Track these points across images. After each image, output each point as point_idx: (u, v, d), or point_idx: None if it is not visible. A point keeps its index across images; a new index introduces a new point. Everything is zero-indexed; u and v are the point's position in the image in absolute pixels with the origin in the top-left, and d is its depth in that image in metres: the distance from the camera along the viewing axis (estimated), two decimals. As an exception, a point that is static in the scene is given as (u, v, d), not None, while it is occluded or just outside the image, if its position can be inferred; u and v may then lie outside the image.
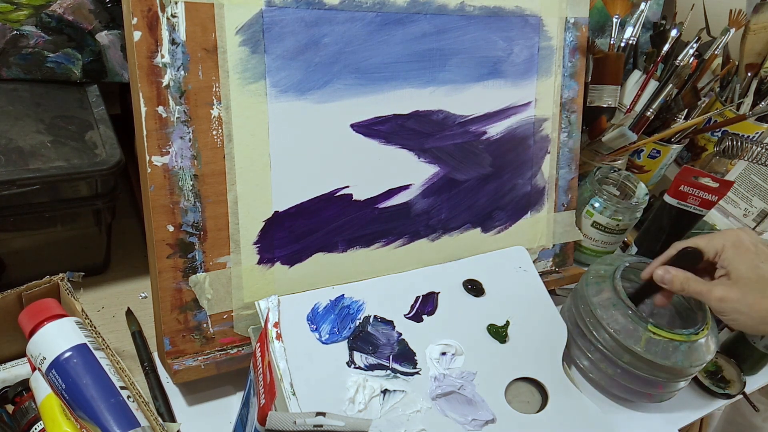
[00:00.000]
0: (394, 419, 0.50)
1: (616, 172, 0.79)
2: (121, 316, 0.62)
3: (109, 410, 0.44)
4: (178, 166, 0.50)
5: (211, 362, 0.54)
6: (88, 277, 0.58)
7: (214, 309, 0.54)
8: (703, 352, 0.59)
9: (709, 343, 0.60)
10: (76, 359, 0.46)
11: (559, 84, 0.71)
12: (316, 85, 0.55)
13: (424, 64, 0.60)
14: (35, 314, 0.49)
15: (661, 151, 0.87)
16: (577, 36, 0.71)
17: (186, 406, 0.56)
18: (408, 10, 0.58)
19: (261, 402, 0.47)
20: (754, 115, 0.83)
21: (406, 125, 0.60)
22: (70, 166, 0.55)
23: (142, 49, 0.47)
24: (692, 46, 0.76)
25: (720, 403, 0.68)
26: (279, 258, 0.56)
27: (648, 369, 0.59)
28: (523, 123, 0.69)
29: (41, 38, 0.60)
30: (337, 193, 0.58)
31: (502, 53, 0.65)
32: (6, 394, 0.51)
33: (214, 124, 0.51)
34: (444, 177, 0.64)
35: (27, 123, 0.58)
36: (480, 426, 0.52)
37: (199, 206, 0.52)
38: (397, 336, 0.56)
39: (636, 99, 0.77)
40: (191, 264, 0.52)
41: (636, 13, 0.77)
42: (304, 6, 0.53)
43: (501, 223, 0.69)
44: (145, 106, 0.48)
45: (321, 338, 0.53)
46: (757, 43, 0.91)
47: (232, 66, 0.51)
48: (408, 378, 0.53)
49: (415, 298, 0.60)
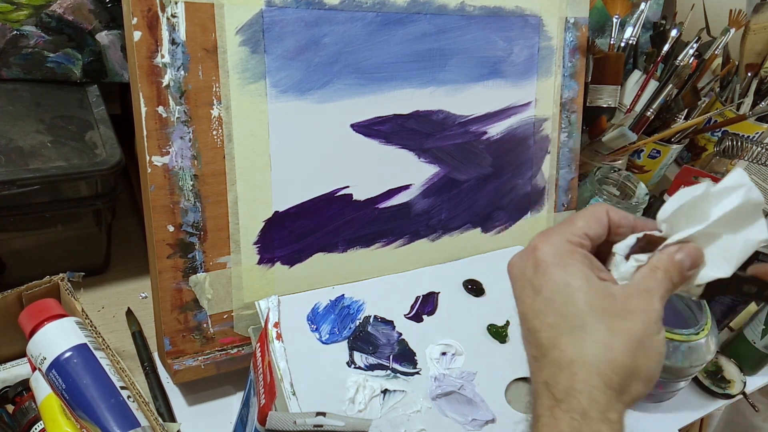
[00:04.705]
0: (394, 419, 0.50)
1: (616, 172, 0.79)
2: (122, 316, 0.62)
3: (109, 410, 0.44)
4: (178, 166, 0.50)
5: (211, 362, 0.54)
6: (89, 277, 0.58)
7: (214, 309, 0.54)
8: (703, 352, 0.59)
9: (709, 343, 0.60)
10: (76, 359, 0.46)
11: (559, 84, 0.71)
12: (316, 85, 0.55)
13: (424, 64, 0.60)
14: (35, 314, 0.49)
15: (661, 151, 0.87)
16: (577, 36, 0.71)
17: (186, 406, 0.56)
18: (408, 10, 0.58)
19: (261, 402, 0.47)
20: (754, 115, 0.83)
21: (406, 125, 0.60)
22: (70, 166, 0.55)
23: (142, 49, 0.47)
24: (692, 46, 0.76)
25: (720, 403, 0.68)
26: (279, 258, 0.56)
27: (648, 369, 0.59)
28: (523, 123, 0.69)
29: (41, 38, 0.60)
30: (338, 193, 0.58)
31: (502, 53, 0.65)
32: (6, 394, 0.51)
33: (214, 124, 0.51)
34: (444, 177, 0.64)
35: (27, 123, 0.58)
36: (480, 426, 0.52)
37: (199, 206, 0.52)
38: (397, 336, 0.56)
39: (636, 99, 0.77)
40: (191, 264, 0.52)
41: (636, 13, 0.77)
42: (304, 6, 0.53)
43: (501, 223, 0.69)
44: (145, 106, 0.48)
45: (321, 338, 0.53)
46: (757, 43, 0.91)
47: (232, 66, 0.51)
48: (408, 378, 0.53)
49: (415, 298, 0.60)
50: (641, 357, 0.30)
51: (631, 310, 0.31)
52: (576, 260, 0.32)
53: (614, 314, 0.30)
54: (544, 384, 0.31)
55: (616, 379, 0.29)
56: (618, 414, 0.29)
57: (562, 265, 0.32)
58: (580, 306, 0.31)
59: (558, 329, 0.31)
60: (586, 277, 0.31)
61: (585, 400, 0.29)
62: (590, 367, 0.30)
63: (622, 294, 0.31)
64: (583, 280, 0.31)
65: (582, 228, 0.33)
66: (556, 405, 0.30)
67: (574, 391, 0.29)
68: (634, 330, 0.30)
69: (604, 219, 0.34)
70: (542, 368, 0.31)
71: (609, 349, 0.30)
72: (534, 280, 0.32)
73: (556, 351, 0.31)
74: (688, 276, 0.33)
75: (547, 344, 0.31)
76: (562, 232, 0.33)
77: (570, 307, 0.31)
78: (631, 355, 0.30)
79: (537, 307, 0.32)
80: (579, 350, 0.30)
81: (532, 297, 0.32)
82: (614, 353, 0.30)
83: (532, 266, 0.33)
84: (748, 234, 0.32)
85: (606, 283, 0.32)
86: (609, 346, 0.30)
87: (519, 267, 0.34)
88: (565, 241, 0.32)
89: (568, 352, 0.30)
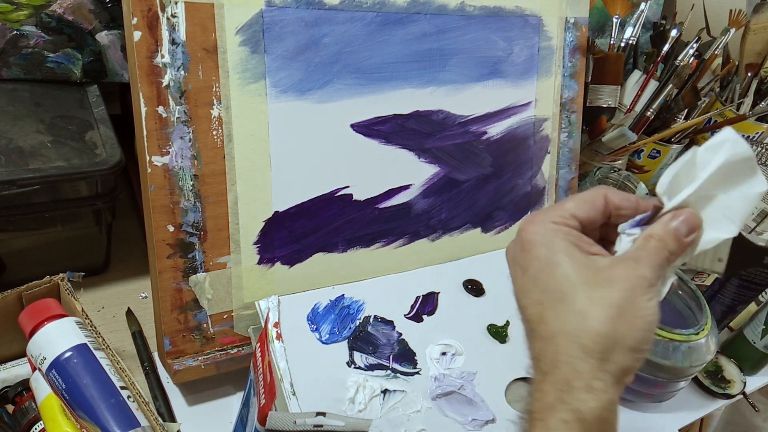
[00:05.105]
0: (394, 419, 0.50)
1: (616, 172, 0.79)
2: (122, 316, 0.62)
3: (109, 410, 0.44)
4: (178, 166, 0.50)
5: (211, 362, 0.54)
6: (88, 277, 0.58)
7: (214, 309, 0.54)
8: (703, 352, 0.59)
9: (709, 343, 0.60)
10: (76, 359, 0.46)
11: (559, 84, 0.71)
12: (316, 85, 0.55)
13: (424, 64, 0.60)
14: (35, 314, 0.49)
15: (661, 151, 0.87)
16: (577, 36, 0.71)
17: (186, 406, 0.56)
18: (408, 10, 0.58)
19: (261, 402, 0.47)
20: (754, 115, 0.83)
21: (406, 125, 0.60)
22: (70, 166, 0.55)
23: (142, 49, 0.47)
24: (692, 46, 0.76)
25: (720, 403, 0.68)
26: (279, 258, 0.56)
27: (648, 369, 0.59)
28: (523, 123, 0.69)
29: (41, 38, 0.60)
30: (338, 193, 0.58)
31: (502, 53, 0.65)
32: (6, 394, 0.51)
33: (214, 124, 0.51)
34: (444, 177, 0.64)
35: (27, 123, 0.58)
36: (480, 426, 0.52)
37: (199, 206, 0.52)
38: (397, 336, 0.56)
39: (636, 99, 0.77)
40: (191, 264, 0.52)
41: (636, 13, 0.77)
42: (304, 6, 0.53)
43: (501, 223, 0.69)
44: (145, 106, 0.48)
45: (321, 338, 0.53)
46: (757, 43, 0.91)
47: (232, 66, 0.51)
48: (408, 378, 0.53)
49: (415, 298, 0.60)
50: (623, 325, 0.30)
51: (613, 279, 0.31)
52: (558, 237, 0.32)
53: (595, 284, 0.31)
54: (535, 359, 0.31)
55: (596, 348, 0.29)
56: (603, 383, 0.29)
57: (544, 243, 0.32)
58: (561, 279, 0.31)
59: (543, 305, 0.31)
60: (567, 251, 0.32)
61: (568, 371, 0.29)
62: (570, 337, 0.30)
63: (606, 265, 0.31)
64: (564, 254, 0.32)
65: (570, 209, 0.33)
66: (544, 378, 0.30)
67: (558, 362, 0.30)
68: (613, 297, 0.30)
69: (599, 201, 0.34)
70: (533, 344, 0.32)
71: (587, 318, 0.30)
72: (521, 260, 0.33)
73: (542, 326, 0.31)
74: (687, 243, 0.33)
75: (535, 320, 0.32)
76: (547, 213, 0.33)
77: (552, 282, 0.31)
78: (611, 322, 0.30)
79: (525, 285, 0.33)
80: (561, 322, 0.30)
81: (521, 276, 0.33)
82: (592, 321, 0.30)
83: (520, 247, 0.33)
84: (746, 189, 0.32)
85: (593, 257, 0.32)
86: (587, 315, 0.30)
87: (511, 251, 0.34)
88: (549, 221, 0.33)
89: (551, 325, 0.31)
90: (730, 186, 0.32)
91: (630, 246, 0.33)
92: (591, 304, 0.30)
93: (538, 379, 0.31)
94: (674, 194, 0.32)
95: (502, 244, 0.69)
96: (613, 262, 0.32)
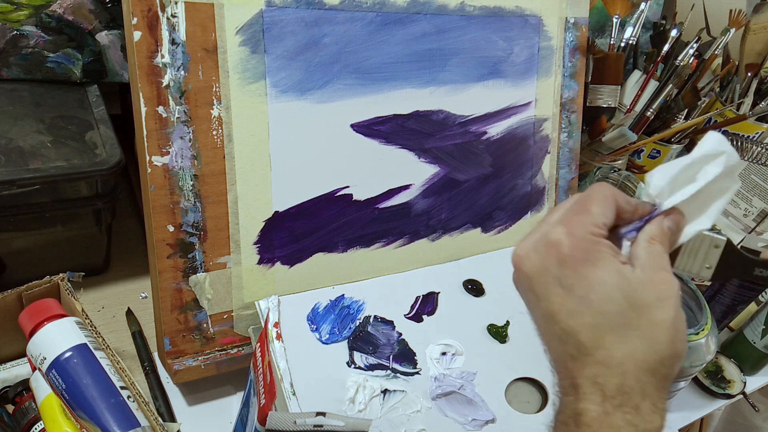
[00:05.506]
0: (394, 419, 0.50)
1: (616, 172, 0.79)
2: (122, 316, 0.62)
3: (109, 410, 0.44)
4: (178, 166, 0.50)
5: (211, 362, 0.54)
6: (88, 277, 0.58)
7: (214, 309, 0.54)
8: (703, 352, 0.59)
9: (709, 343, 0.60)
10: (76, 359, 0.46)
11: (559, 84, 0.71)
12: (316, 85, 0.55)
13: (424, 64, 0.60)
14: (35, 314, 0.49)
15: (661, 151, 0.87)
16: (577, 36, 0.71)
17: (186, 406, 0.56)
18: (408, 10, 0.58)
19: (261, 402, 0.47)
20: (754, 115, 0.83)
21: (406, 125, 0.60)
22: (70, 166, 0.55)
23: (142, 49, 0.47)
24: (692, 46, 0.76)
25: (720, 403, 0.68)
26: (279, 258, 0.56)
27: (648, 369, 0.59)
28: (523, 123, 0.69)
29: (41, 38, 0.60)
30: (338, 193, 0.58)
31: (502, 53, 0.65)
32: (6, 394, 0.51)
33: (214, 124, 0.51)
34: (444, 177, 0.64)
35: (27, 123, 0.58)
36: (480, 426, 0.52)
37: (199, 206, 0.52)
38: (397, 336, 0.56)
39: (636, 99, 0.77)
40: (191, 264, 0.52)
41: (636, 13, 0.77)
42: (304, 6, 0.53)
43: (501, 223, 0.69)
44: (145, 106, 0.48)
45: (321, 338, 0.53)
46: (757, 43, 0.91)
47: (232, 66, 0.51)
48: (408, 378, 0.53)
49: (415, 298, 0.60)
50: (679, 341, 0.31)
51: (663, 296, 0.31)
52: (603, 253, 0.31)
53: (651, 305, 0.31)
54: (591, 381, 0.31)
55: (663, 371, 0.31)
56: (665, 401, 0.31)
57: (591, 260, 0.31)
58: (619, 302, 0.31)
59: (600, 329, 0.31)
60: (618, 271, 0.31)
61: (637, 396, 0.30)
62: (640, 363, 0.30)
63: (649, 281, 0.31)
64: (616, 275, 0.31)
65: (600, 217, 0.32)
66: (606, 401, 0.30)
67: (626, 387, 0.30)
68: (670, 317, 0.31)
69: (614, 205, 0.34)
70: (585, 366, 0.31)
71: (655, 342, 0.30)
72: (562, 278, 0.31)
73: (601, 351, 0.31)
74: (675, 240, 0.34)
75: (590, 345, 0.31)
76: (583, 223, 0.32)
77: (609, 305, 0.31)
78: (672, 343, 0.31)
79: (570, 306, 0.31)
80: (629, 348, 0.30)
81: (563, 296, 0.31)
82: (661, 346, 0.30)
83: (557, 262, 0.32)
84: (724, 187, 0.34)
85: (632, 270, 0.32)
86: (655, 339, 0.30)
87: (538, 262, 0.32)
88: (588, 233, 0.32)
89: (615, 351, 0.30)
90: (713, 187, 0.34)
91: (627, 248, 0.33)
92: (654, 327, 0.31)
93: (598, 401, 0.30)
94: (669, 197, 0.34)
95: (502, 244, 0.69)
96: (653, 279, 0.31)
